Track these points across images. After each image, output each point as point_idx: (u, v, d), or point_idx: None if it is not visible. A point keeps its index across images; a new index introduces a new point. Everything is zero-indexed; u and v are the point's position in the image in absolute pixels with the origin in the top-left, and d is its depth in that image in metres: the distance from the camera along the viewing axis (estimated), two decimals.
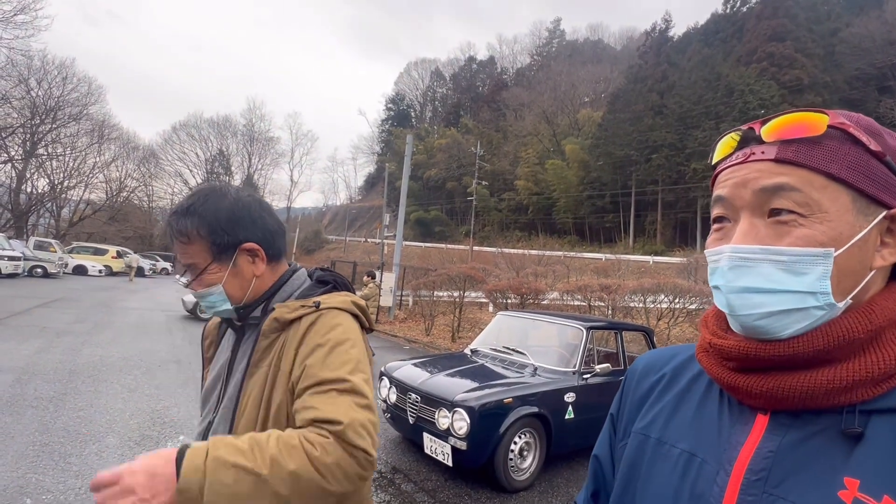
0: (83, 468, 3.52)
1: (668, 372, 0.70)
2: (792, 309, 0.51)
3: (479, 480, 3.99)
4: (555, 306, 11.49)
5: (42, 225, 38.82)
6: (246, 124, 56.98)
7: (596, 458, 0.76)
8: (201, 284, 1.03)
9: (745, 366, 0.55)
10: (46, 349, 7.03)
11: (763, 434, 0.54)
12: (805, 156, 0.52)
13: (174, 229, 1.01)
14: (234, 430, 0.98)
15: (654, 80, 42.63)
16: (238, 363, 1.06)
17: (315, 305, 1.02)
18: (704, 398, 0.63)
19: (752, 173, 0.54)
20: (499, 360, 4.84)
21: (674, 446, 0.61)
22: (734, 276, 0.53)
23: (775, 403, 0.53)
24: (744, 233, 0.54)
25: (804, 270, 0.50)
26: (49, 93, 33.13)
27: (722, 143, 0.60)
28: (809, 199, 0.51)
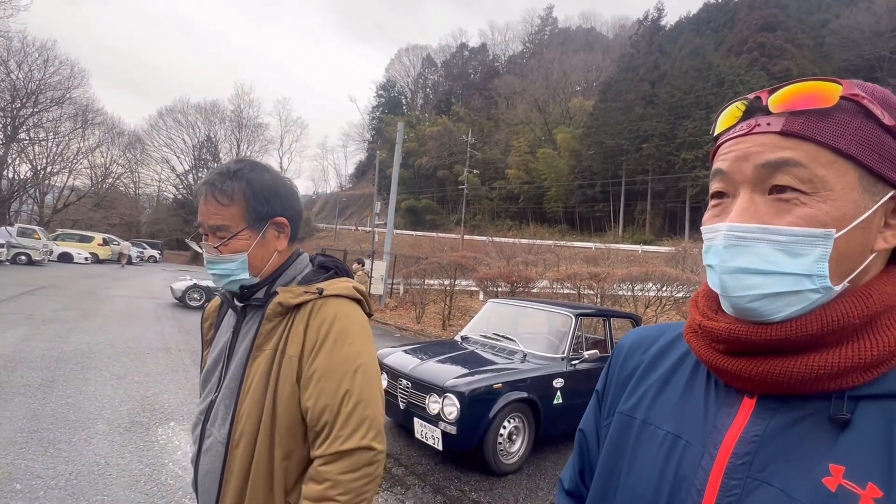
0: (73, 454, 3.52)
1: (655, 351, 0.69)
2: (787, 291, 0.49)
3: (468, 464, 4.05)
4: (544, 294, 11.59)
5: (25, 212, 38.08)
6: (234, 110, 55.91)
7: (582, 433, 0.76)
8: (228, 249, 1.03)
9: (734, 349, 0.54)
10: (32, 336, 6.96)
11: (749, 418, 0.53)
12: (813, 129, 0.48)
13: (217, 188, 1.01)
14: (238, 411, 1.00)
15: (646, 70, 42.63)
16: (239, 345, 1.07)
17: (318, 292, 1.04)
18: (691, 379, 0.62)
19: (755, 146, 0.51)
20: (489, 346, 4.89)
21: (659, 428, 0.60)
22: (729, 255, 0.51)
23: (763, 387, 0.52)
24: (742, 210, 0.51)
25: (802, 252, 0.48)
26: (30, 75, 32.31)
27: (725, 114, 0.57)
28: (814, 176, 0.48)
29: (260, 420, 0.98)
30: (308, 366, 0.98)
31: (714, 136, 0.59)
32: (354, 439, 0.93)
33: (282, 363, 1.00)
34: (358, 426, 0.94)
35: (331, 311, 1.02)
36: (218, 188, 1.02)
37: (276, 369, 0.99)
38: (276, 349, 1.01)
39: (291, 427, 0.98)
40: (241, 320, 1.10)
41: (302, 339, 1.00)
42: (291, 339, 1.00)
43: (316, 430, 0.96)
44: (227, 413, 1.01)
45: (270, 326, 1.02)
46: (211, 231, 1.04)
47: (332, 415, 0.95)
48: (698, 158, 34.45)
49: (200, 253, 1.09)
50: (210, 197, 1.02)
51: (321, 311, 1.02)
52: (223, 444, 1.00)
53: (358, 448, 0.93)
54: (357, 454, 0.93)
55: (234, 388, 1.02)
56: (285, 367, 0.99)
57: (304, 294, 1.03)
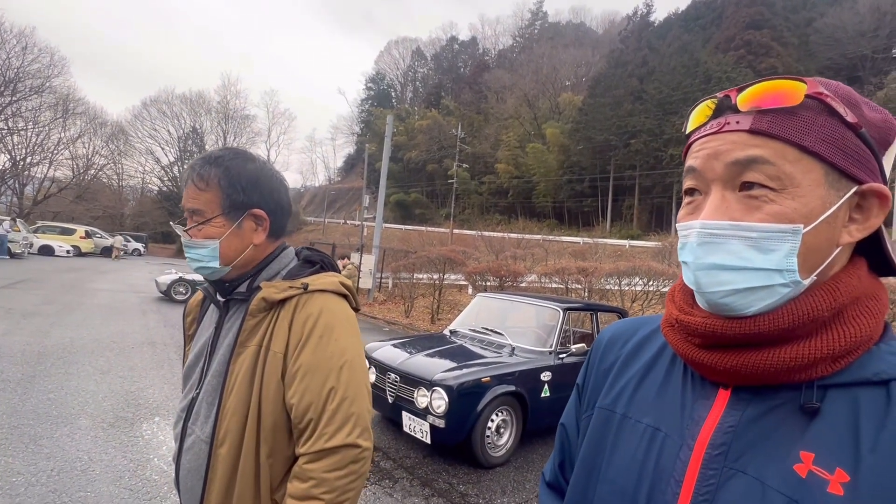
0: (55, 450, 3.46)
1: (633, 345, 0.70)
2: (758, 286, 0.50)
3: (456, 457, 4.07)
4: (533, 288, 11.64)
5: (4, 203, 37.15)
6: (220, 101, 55.05)
7: (563, 427, 0.77)
8: (200, 234, 1.02)
9: (709, 342, 0.55)
10: (12, 331, 6.81)
11: (724, 409, 0.54)
12: (779, 127, 0.50)
13: (195, 172, 1.02)
14: (222, 408, 0.98)
15: (635, 66, 42.84)
16: (222, 340, 1.05)
17: (303, 287, 1.02)
18: (669, 372, 0.63)
19: (724, 145, 0.52)
20: (477, 340, 4.90)
21: (639, 421, 0.61)
22: (703, 252, 0.53)
23: (738, 379, 0.54)
24: (714, 207, 0.52)
25: (772, 247, 0.49)
26: (7, 63, 31.34)
27: (696, 112, 0.58)
28: (782, 173, 0.49)
29: (245, 418, 0.96)
30: (293, 362, 0.97)
31: (686, 134, 0.60)
32: (339, 436, 0.92)
33: (266, 360, 0.98)
34: (343, 423, 0.93)
35: (316, 306, 1.00)
36: (196, 171, 1.02)
37: (261, 366, 0.98)
38: (260, 345, 0.99)
39: (276, 425, 0.97)
40: (223, 315, 1.08)
41: (286, 335, 0.98)
42: (276, 335, 0.99)
43: (300, 427, 0.95)
44: (210, 411, 0.99)
45: (254, 322, 1.00)
46: (189, 215, 1.04)
47: (316, 412, 0.93)
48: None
49: None
50: (190, 181, 1.03)
51: (306, 307, 1.00)
52: (206, 443, 0.98)
53: (343, 445, 0.92)
54: (342, 451, 0.92)
55: (216, 386, 1.00)
56: (270, 364, 0.97)
57: (288, 289, 1.01)
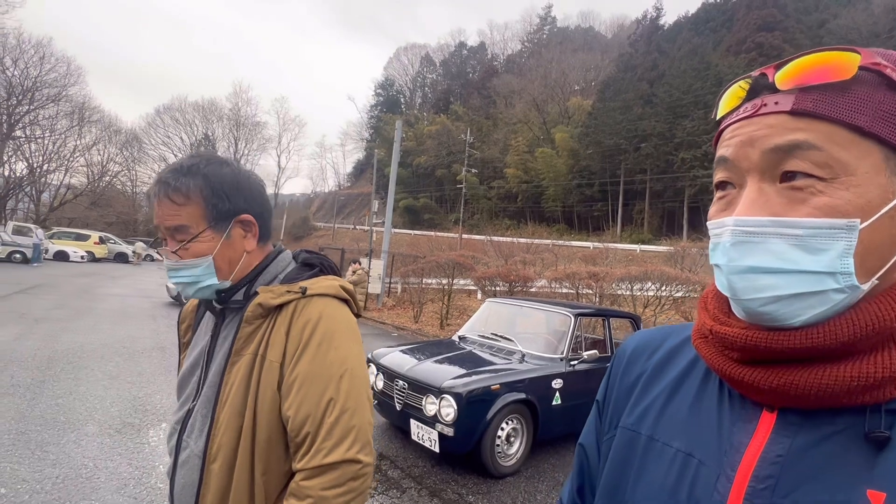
0: (61, 456, 3.44)
1: (660, 357, 0.62)
2: (806, 292, 0.43)
3: (465, 466, 3.99)
4: (543, 293, 11.53)
5: (21, 209, 37.86)
6: (232, 108, 55.86)
7: (582, 448, 0.70)
8: (190, 253, 0.94)
9: (750, 357, 0.48)
10: (24, 336, 6.86)
11: (769, 435, 0.47)
12: (828, 106, 0.43)
13: (170, 187, 0.92)
14: (216, 421, 0.92)
15: (644, 69, 42.65)
16: (219, 349, 0.99)
17: (301, 291, 0.96)
18: (701, 389, 0.55)
19: (761, 129, 0.45)
20: (487, 346, 4.82)
21: (667, 444, 0.54)
22: (738, 253, 0.45)
23: (785, 401, 0.46)
24: (751, 201, 0.45)
25: (822, 246, 0.42)
26: (26, 72, 32.07)
27: (728, 95, 0.51)
28: (831, 160, 0.42)
29: (240, 432, 0.90)
30: (290, 371, 0.90)
31: (716, 121, 0.53)
32: (338, 452, 0.86)
33: (262, 369, 0.92)
34: (343, 437, 0.87)
35: (315, 311, 0.94)
36: (172, 187, 0.92)
37: (257, 376, 0.92)
38: (256, 354, 0.93)
39: (272, 439, 0.91)
40: (219, 323, 1.02)
41: (284, 343, 0.92)
42: (272, 342, 0.93)
43: (297, 441, 0.88)
44: (205, 423, 0.93)
45: (250, 329, 0.94)
46: (170, 234, 0.95)
47: (314, 425, 0.87)
48: (696, 158, 34.49)
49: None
50: (164, 198, 0.93)
51: (305, 312, 0.94)
52: (200, 458, 0.92)
53: (342, 461, 0.86)
54: (342, 467, 0.86)
55: (211, 397, 0.94)
56: (266, 374, 0.91)
57: (286, 294, 0.95)
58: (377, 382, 4.40)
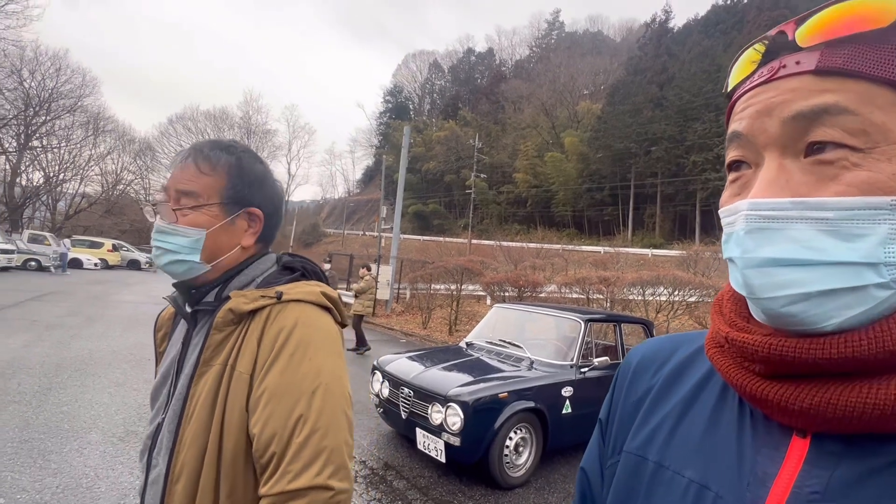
0: (62, 465, 3.40)
1: (670, 370, 0.54)
2: (840, 288, 0.35)
3: (473, 477, 3.88)
4: (553, 299, 11.39)
5: (38, 218, 38.56)
6: (243, 117, 56.53)
7: (583, 473, 0.61)
8: (186, 219, 0.89)
9: (777, 371, 0.39)
10: (34, 343, 6.90)
11: (802, 465, 0.38)
12: (862, 60, 0.35)
13: (202, 154, 0.91)
14: (179, 438, 0.84)
15: (654, 72, 42.37)
16: (188, 358, 0.92)
17: (277, 296, 0.88)
18: (718, 408, 0.47)
19: (781, 94, 0.38)
20: (494, 353, 4.72)
21: (678, 473, 0.45)
22: (754, 243, 0.38)
23: (822, 424, 0.37)
24: (769, 181, 0.38)
25: (860, 231, 0.35)
26: (42, 84, 32.76)
27: (741, 61, 0.43)
28: (869, 125, 0.35)
29: (205, 450, 0.82)
30: (258, 383, 0.82)
31: (727, 94, 0.45)
32: (306, 476, 0.76)
33: (231, 381, 0.84)
34: (312, 460, 0.77)
35: (290, 318, 0.86)
36: (204, 154, 0.91)
37: (225, 388, 0.83)
38: (225, 364, 0.85)
39: (238, 458, 0.82)
40: (190, 329, 0.94)
41: (255, 352, 0.84)
42: (243, 352, 0.85)
43: (262, 462, 0.79)
44: (171, 440, 0.86)
45: (221, 337, 0.86)
46: (175, 197, 0.91)
47: (280, 445, 0.77)
48: (708, 161, 34.10)
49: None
50: (191, 162, 0.91)
51: (279, 319, 0.86)
52: (164, 478, 0.84)
53: (310, 487, 0.75)
54: (310, 494, 0.75)
55: (178, 411, 0.86)
56: (235, 386, 0.83)
57: (260, 298, 0.87)
58: (382, 390, 4.32)
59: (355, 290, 9.22)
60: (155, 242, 0.91)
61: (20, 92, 30.88)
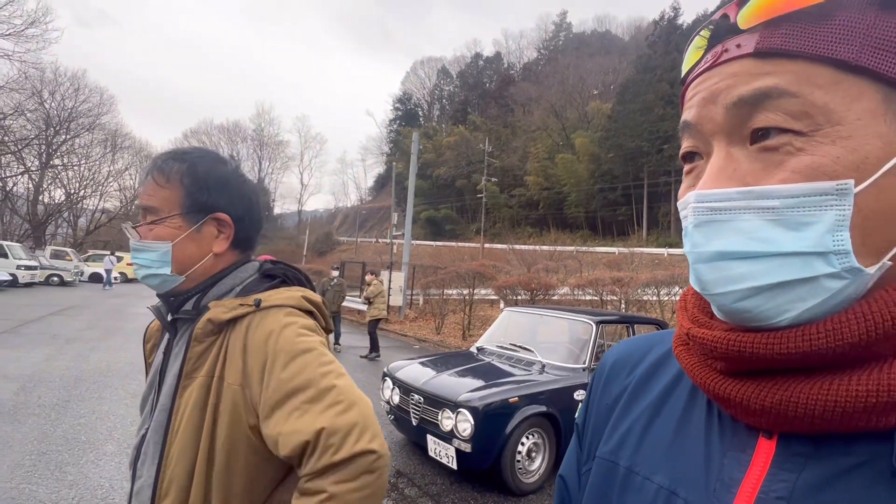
0: (78, 477, 3.44)
1: (643, 371, 0.52)
2: (792, 280, 0.34)
3: (485, 483, 3.83)
4: (566, 301, 11.27)
5: (60, 235, 39.59)
6: (255, 129, 57.51)
7: (561, 479, 0.58)
8: (151, 234, 0.90)
9: (739, 368, 0.38)
10: (55, 356, 7.04)
11: (769, 469, 0.36)
12: (801, 39, 0.34)
13: (156, 166, 0.92)
14: (166, 452, 0.84)
15: (664, 70, 41.92)
16: (170, 369, 0.91)
17: (255, 304, 0.88)
18: (688, 409, 0.45)
19: (723, 80, 0.37)
20: (505, 357, 4.67)
21: (648, 479, 0.43)
22: (703, 237, 0.36)
23: (786, 424, 0.36)
24: (717, 170, 0.36)
25: (806, 219, 0.33)
26: (62, 104, 33.80)
27: (691, 48, 0.42)
28: (810, 107, 0.33)
29: (194, 464, 0.81)
30: (262, 392, 0.82)
31: (682, 81, 0.44)
32: (347, 447, 0.76)
33: (220, 393, 0.83)
34: (348, 432, 0.77)
35: (273, 323, 0.85)
36: (157, 167, 0.91)
37: (214, 400, 0.83)
38: (211, 376, 0.84)
39: (231, 466, 0.82)
40: (171, 338, 0.94)
41: (241, 363, 0.84)
42: (229, 363, 0.84)
43: (295, 456, 0.79)
44: (157, 451, 0.85)
45: (201, 348, 0.85)
46: (143, 214, 0.93)
47: (312, 434, 0.77)
48: None
49: None
50: (150, 176, 0.92)
51: (262, 326, 0.85)
52: (150, 489, 0.84)
53: (353, 455, 0.76)
54: (354, 461, 0.76)
55: (162, 422, 0.86)
56: (225, 398, 0.83)
57: (238, 307, 0.86)
58: (393, 397, 4.30)
59: (365, 296, 9.22)
60: (133, 259, 0.93)
61: (41, 112, 31.84)
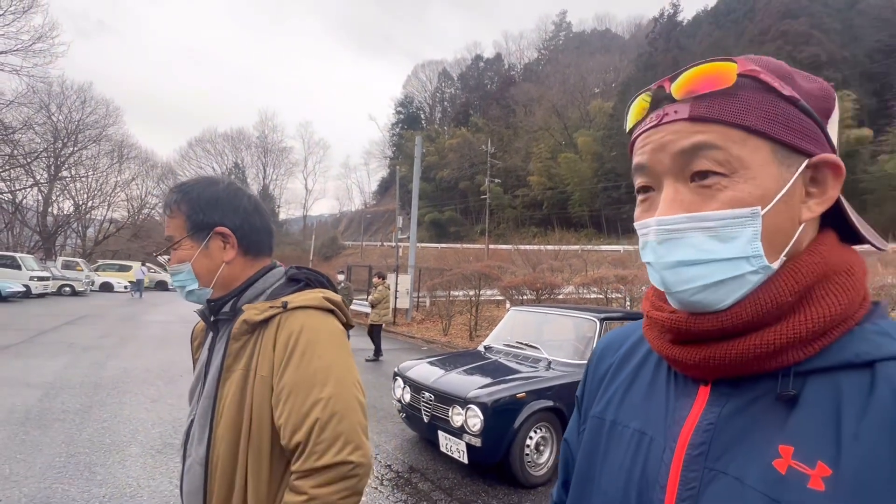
0: (107, 477, 3.61)
1: (624, 350, 0.69)
2: (727, 278, 0.48)
3: (495, 477, 3.96)
4: (571, 300, 11.37)
5: (70, 245, 40.06)
6: (259, 136, 58.03)
7: (566, 443, 0.74)
8: (175, 259, 1.07)
9: (681, 337, 0.53)
10: (73, 364, 7.24)
11: (704, 406, 0.52)
12: (719, 110, 0.48)
13: (165, 203, 1.10)
14: (213, 433, 0.98)
15: (665, 67, 41.84)
16: (213, 362, 1.06)
17: (283, 305, 1.02)
18: (655, 374, 0.61)
19: (667, 135, 0.51)
20: (512, 355, 4.80)
21: (626, 426, 0.59)
22: (665, 250, 0.50)
23: (712, 372, 0.51)
24: (669, 201, 0.50)
25: (733, 235, 0.47)
26: (69, 117, 34.25)
27: (634, 107, 0.56)
28: (731, 157, 0.47)
29: (237, 444, 0.96)
30: (277, 382, 0.96)
31: (628, 131, 0.59)
32: (328, 456, 0.90)
33: (254, 383, 0.98)
34: (332, 442, 0.91)
35: (297, 323, 0.99)
36: (165, 203, 1.09)
37: (250, 391, 0.97)
38: (248, 369, 0.99)
39: (263, 449, 0.96)
40: (214, 336, 1.10)
41: (271, 357, 0.98)
42: (262, 357, 0.99)
43: (290, 448, 0.93)
44: (203, 433, 1.00)
45: (238, 346, 1.00)
46: (166, 242, 1.09)
47: (305, 433, 0.91)
48: None
49: None
50: (164, 211, 1.10)
51: (287, 325, 0.99)
52: (201, 466, 0.98)
53: (333, 464, 0.90)
54: (334, 469, 0.90)
55: (207, 408, 1.01)
56: (258, 388, 0.97)
57: (268, 309, 1.01)
58: (404, 395, 4.44)
59: (370, 301, 9.31)
60: (172, 282, 1.12)
61: (49, 125, 32.28)
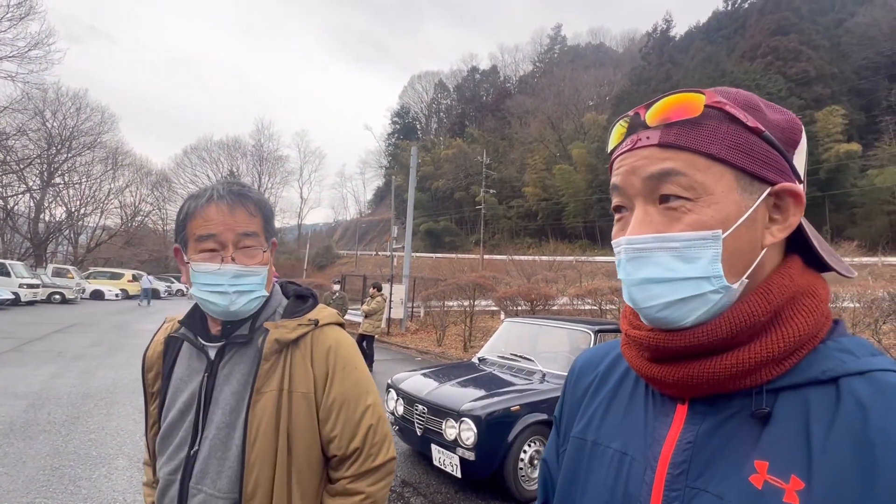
0: (92, 491, 3.53)
1: (603, 369, 0.69)
2: (689, 296, 0.50)
3: (489, 491, 3.91)
4: (566, 311, 11.36)
5: (61, 252, 39.67)
6: (255, 145, 58.02)
7: (545, 463, 0.73)
8: (256, 260, 0.97)
9: (659, 356, 0.54)
10: (61, 374, 7.12)
11: (683, 425, 0.53)
12: (686, 138, 0.50)
13: (247, 198, 0.98)
14: (247, 461, 0.92)
15: (658, 81, 42.50)
16: (221, 389, 0.97)
17: (314, 323, 1.04)
18: (633, 393, 0.62)
19: (639, 160, 0.53)
20: (507, 367, 4.77)
21: (608, 446, 0.59)
22: (633, 268, 0.52)
23: (689, 391, 0.53)
24: (638, 222, 0.53)
25: (696, 256, 0.49)
26: (64, 123, 34.11)
27: (614, 131, 0.59)
28: (695, 183, 0.50)
29: (274, 467, 0.94)
30: (325, 397, 1.00)
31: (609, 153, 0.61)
32: (381, 456, 1.02)
33: (291, 402, 0.97)
34: (383, 443, 1.03)
35: (331, 339, 1.04)
36: (249, 199, 0.98)
37: (287, 410, 0.96)
38: (280, 389, 0.96)
39: (312, 464, 1.00)
40: (216, 362, 0.99)
41: (311, 373, 1.00)
42: (296, 375, 0.98)
43: (345, 455, 1.00)
44: (223, 465, 0.94)
45: (269, 366, 0.97)
46: (237, 239, 0.95)
47: (361, 439, 1.00)
48: None
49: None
50: (239, 206, 0.96)
51: (321, 341, 1.03)
52: (227, 499, 0.92)
53: (386, 462, 1.03)
54: (385, 467, 1.03)
55: (226, 438, 0.95)
56: (297, 406, 0.97)
57: (298, 327, 1.01)
58: (397, 408, 4.39)
59: (364, 310, 9.20)
60: (234, 287, 0.94)
61: (43, 132, 32.14)
